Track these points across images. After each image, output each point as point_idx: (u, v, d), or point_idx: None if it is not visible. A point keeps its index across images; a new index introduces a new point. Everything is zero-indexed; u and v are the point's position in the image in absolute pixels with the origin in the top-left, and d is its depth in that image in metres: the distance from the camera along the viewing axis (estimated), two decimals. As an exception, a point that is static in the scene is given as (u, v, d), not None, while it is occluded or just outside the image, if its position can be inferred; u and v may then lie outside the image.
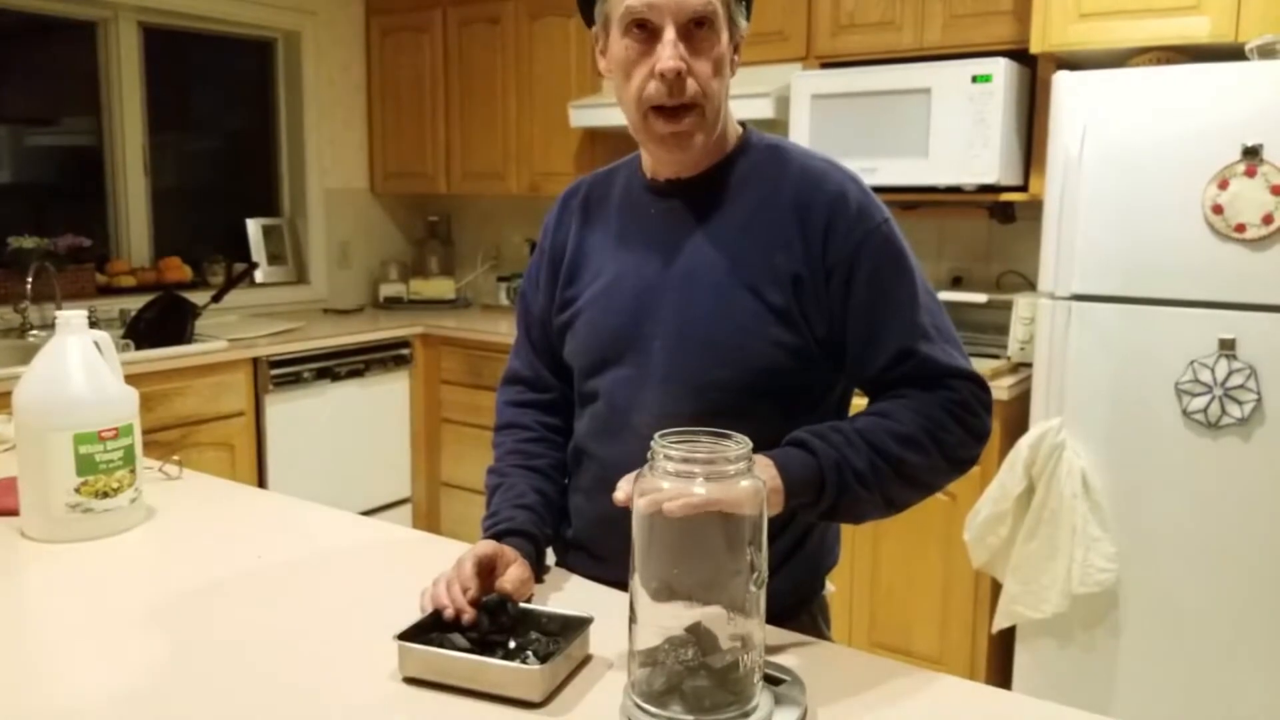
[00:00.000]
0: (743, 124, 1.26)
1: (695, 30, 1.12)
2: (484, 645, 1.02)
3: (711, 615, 0.90)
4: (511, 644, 1.02)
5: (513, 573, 1.15)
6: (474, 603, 1.06)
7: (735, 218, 1.20)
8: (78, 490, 1.37)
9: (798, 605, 1.27)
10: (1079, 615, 2.34)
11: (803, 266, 1.15)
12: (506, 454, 1.35)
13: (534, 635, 1.04)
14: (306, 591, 1.24)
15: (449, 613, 1.04)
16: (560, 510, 1.33)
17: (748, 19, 1.20)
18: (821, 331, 1.17)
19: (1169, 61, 2.39)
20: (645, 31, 1.12)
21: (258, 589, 1.23)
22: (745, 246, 1.18)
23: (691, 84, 1.12)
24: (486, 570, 1.14)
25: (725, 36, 1.15)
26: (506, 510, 1.26)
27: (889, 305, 1.16)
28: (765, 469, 1.05)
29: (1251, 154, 2.10)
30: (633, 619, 0.91)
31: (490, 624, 1.05)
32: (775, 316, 1.15)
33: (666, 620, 0.90)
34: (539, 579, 1.24)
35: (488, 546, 1.17)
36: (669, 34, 1.11)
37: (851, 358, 1.18)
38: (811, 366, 1.18)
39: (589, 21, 1.22)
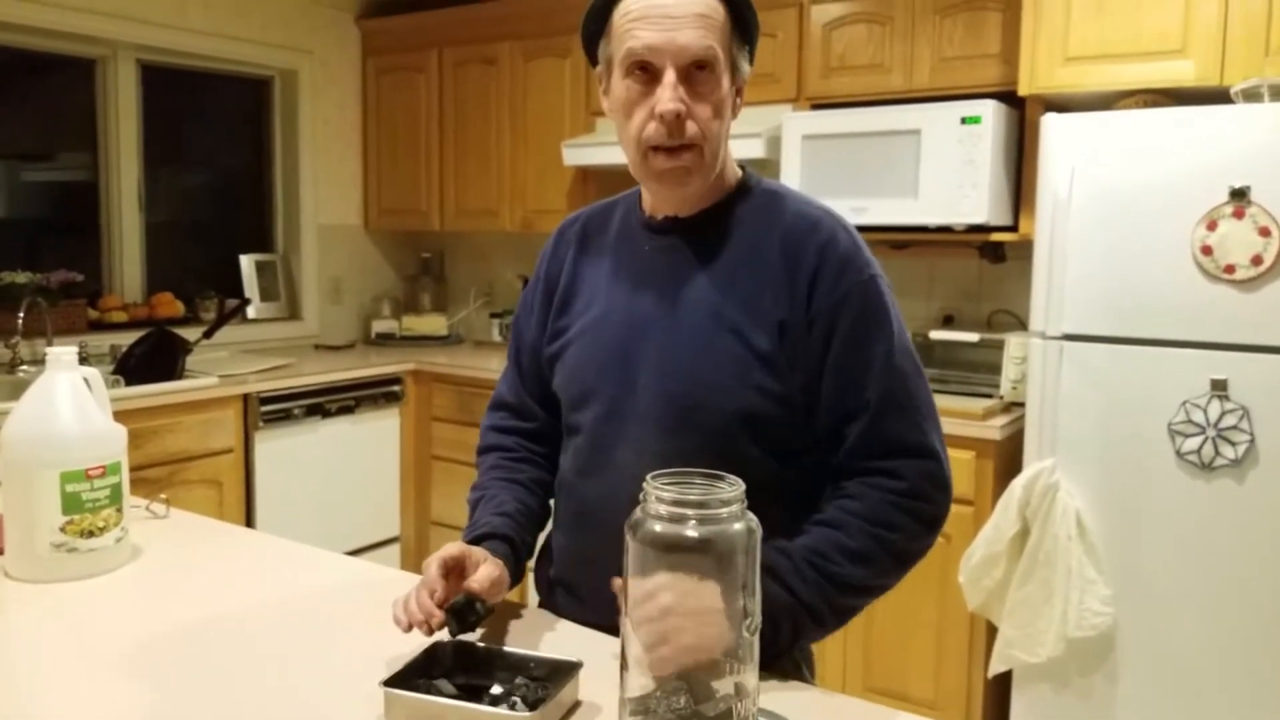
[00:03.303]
0: (743, 166, 1.27)
1: (696, 73, 1.13)
2: (471, 691, 1.00)
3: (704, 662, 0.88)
4: (497, 689, 1.01)
5: (483, 572, 1.13)
6: (441, 604, 1.06)
7: (727, 260, 1.20)
8: (63, 529, 1.36)
9: (779, 651, 1.25)
10: (1075, 659, 2.32)
11: (788, 313, 1.15)
12: (489, 469, 1.35)
13: (520, 681, 1.02)
14: (292, 634, 1.22)
15: (417, 626, 1.05)
16: (542, 523, 1.32)
17: (751, 63, 1.20)
18: (803, 380, 1.16)
19: (1155, 104, 2.42)
20: (646, 74, 1.13)
21: (243, 631, 1.22)
22: (734, 289, 1.18)
23: (691, 125, 1.13)
24: (455, 572, 1.13)
25: (726, 81, 1.15)
26: (485, 518, 1.25)
27: (860, 363, 1.15)
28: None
29: (1239, 195, 2.11)
30: (624, 665, 0.90)
31: (459, 626, 1.06)
32: (760, 362, 1.15)
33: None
34: (515, 581, 1.22)
35: (453, 548, 1.15)
36: (669, 76, 1.12)
37: (820, 410, 1.17)
38: (796, 414, 1.17)
39: (593, 61, 1.23)
